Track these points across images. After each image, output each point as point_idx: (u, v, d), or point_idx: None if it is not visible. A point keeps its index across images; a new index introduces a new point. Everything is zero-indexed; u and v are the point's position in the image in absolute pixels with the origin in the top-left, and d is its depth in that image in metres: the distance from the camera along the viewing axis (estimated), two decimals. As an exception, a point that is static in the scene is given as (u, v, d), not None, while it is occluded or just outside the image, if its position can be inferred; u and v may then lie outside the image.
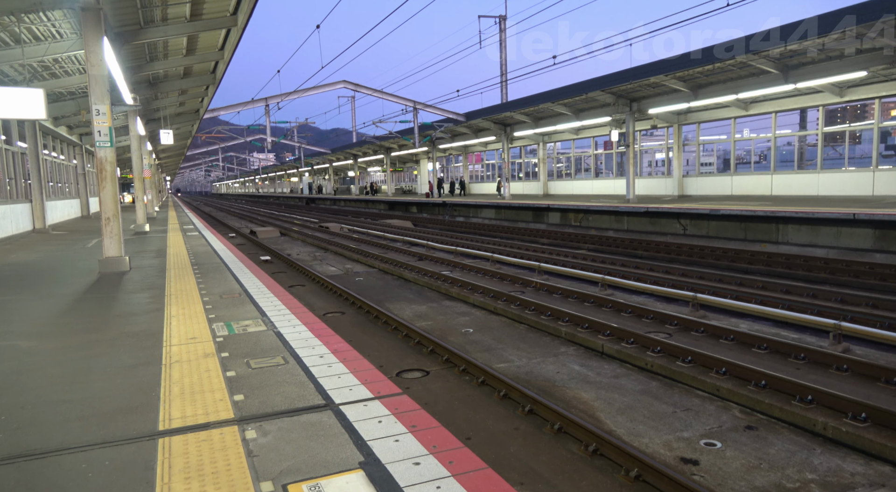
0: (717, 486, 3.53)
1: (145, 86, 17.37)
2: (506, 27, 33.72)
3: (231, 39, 14.16)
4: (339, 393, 3.73)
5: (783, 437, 4.17)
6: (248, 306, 6.43)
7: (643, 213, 17.63)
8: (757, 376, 4.86)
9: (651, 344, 5.89)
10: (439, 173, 40.66)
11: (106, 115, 8.94)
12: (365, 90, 28.28)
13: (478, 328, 7.37)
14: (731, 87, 17.68)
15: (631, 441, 4.09)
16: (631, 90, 19.49)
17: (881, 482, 3.53)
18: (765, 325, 6.93)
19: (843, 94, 17.04)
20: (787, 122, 20.59)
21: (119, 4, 10.53)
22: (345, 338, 5.17)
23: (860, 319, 6.78)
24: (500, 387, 5.01)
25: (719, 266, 11.51)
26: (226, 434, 3.14)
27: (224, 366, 4.31)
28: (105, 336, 5.28)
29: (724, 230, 15.23)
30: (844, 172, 18.33)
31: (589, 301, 8.27)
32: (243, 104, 26.03)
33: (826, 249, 12.65)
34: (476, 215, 27.57)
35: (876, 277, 9.46)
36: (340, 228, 22.42)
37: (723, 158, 24.31)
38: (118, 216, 9.42)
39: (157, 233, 17.27)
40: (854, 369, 5.16)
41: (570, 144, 30.35)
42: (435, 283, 10.19)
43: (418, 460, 2.82)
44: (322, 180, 67.86)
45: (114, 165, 9.30)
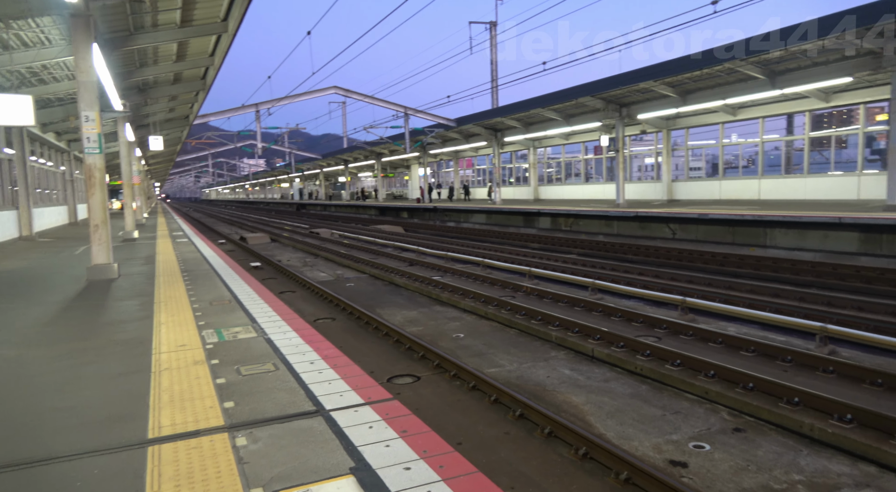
0: (705, 488, 3.56)
1: (135, 92, 17.31)
2: (496, 33, 33.91)
3: (221, 45, 14.15)
4: (330, 399, 3.74)
5: (771, 439, 4.21)
6: (239, 313, 6.42)
7: (633, 217, 17.75)
8: (745, 378, 4.91)
9: (641, 348, 5.93)
10: (430, 178, 40.68)
11: (95, 122, 8.91)
12: (356, 96, 28.32)
13: (469, 333, 7.39)
14: (719, 92, 17.86)
15: (621, 444, 4.11)
16: (620, 96, 19.65)
17: (866, 483, 3.58)
18: (753, 328, 6.99)
19: (828, 99, 17.26)
20: (775, 127, 20.79)
21: (109, 11, 10.50)
22: (335, 344, 5.18)
23: (846, 321, 6.86)
24: (490, 392, 5.03)
25: (708, 270, 11.60)
26: (216, 441, 3.14)
27: (214, 373, 4.30)
28: (94, 344, 5.25)
29: (713, 234, 15.35)
30: (831, 177, 18.54)
31: (579, 305, 8.31)
32: (234, 110, 25.98)
33: (813, 252, 12.78)
34: (467, 220, 27.62)
35: (861, 280, 9.57)
36: (331, 233, 22.38)
37: (711, 162, 24.51)
38: (107, 223, 9.37)
39: (146, 239, 17.17)
40: (840, 371, 5.23)
41: (560, 149, 30.49)
42: (426, 288, 10.21)
43: (409, 465, 2.83)
44: (314, 186, 67.74)
45: (102, 172, 9.26)
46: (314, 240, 20.58)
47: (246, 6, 11.27)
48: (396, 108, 28.91)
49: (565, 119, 24.07)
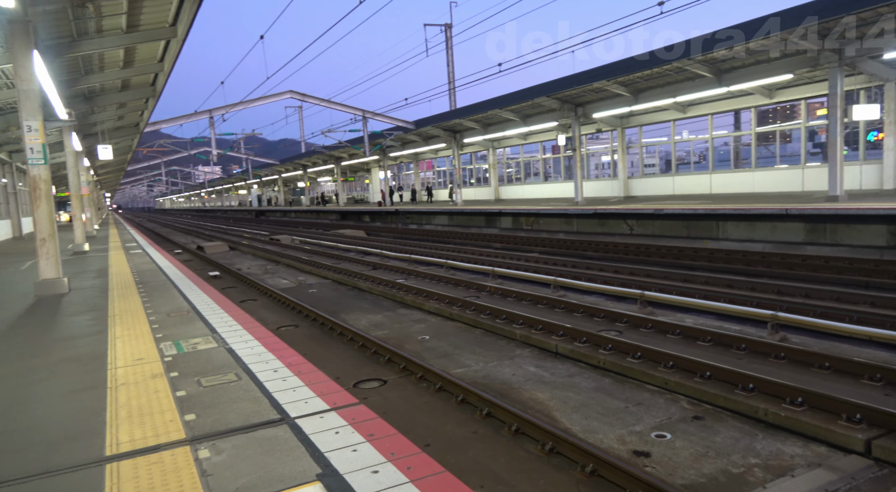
0: (668, 475, 3.66)
1: (81, 100, 16.71)
2: (452, 35, 34.07)
3: (171, 51, 13.79)
4: (295, 406, 3.69)
5: (728, 425, 4.36)
6: (198, 324, 6.27)
7: (591, 214, 18.08)
8: (702, 367, 5.06)
9: (603, 342, 6.05)
10: (391, 181, 40.54)
11: (38, 132, 8.58)
12: (312, 100, 28.03)
13: (434, 335, 7.40)
14: (670, 90, 18.38)
15: (586, 438, 4.19)
16: (575, 95, 20.00)
17: (818, 462, 3.73)
18: (709, 318, 7.22)
19: (772, 95, 17.98)
20: (723, 123, 21.55)
21: (50, 16, 10.12)
22: (299, 351, 5.11)
23: (795, 308, 7.15)
24: (457, 392, 5.05)
25: (665, 263, 11.91)
26: (177, 455, 3.07)
27: (174, 386, 4.19)
28: (44, 362, 5.05)
29: (669, 229, 15.78)
30: (777, 170, 19.30)
31: (542, 303, 8.42)
32: (186, 116, 25.37)
33: (763, 243, 13.27)
34: (429, 222, 27.63)
35: (808, 269, 9.99)
36: (292, 239, 22.07)
37: (665, 159, 25.18)
38: (55, 236, 9.03)
39: (97, 252, 16.59)
40: (791, 357, 5.44)
41: (519, 149, 30.84)
42: (390, 291, 10.17)
43: (377, 468, 2.83)
44: (272, 192, 66.63)
45: (48, 184, 8.92)
46: (275, 247, 20.25)
47: (195, 10, 11.02)
48: (354, 111, 28.73)
49: (523, 119, 24.36)
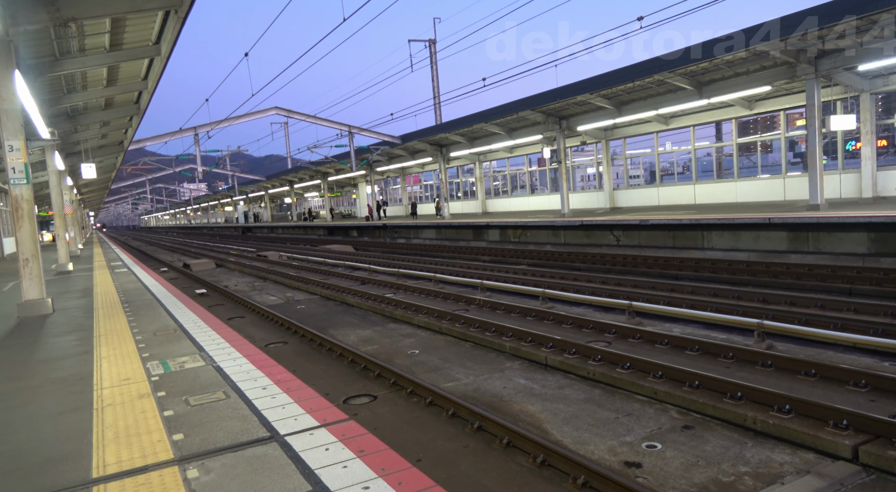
0: (659, 486, 3.67)
1: (63, 119, 16.59)
2: (436, 51, 34.36)
3: (155, 69, 13.76)
4: (284, 424, 3.67)
5: (717, 433, 4.39)
6: (185, 342, 6.21)
7: (578, 226, 18.20)
8: (690, 377, 5.10)
9: (592, 353, 6.08)
10: (378, 196, 40.57)
11: (20, 151, 8.51)
12: (298, 116, 28.02)
13: (424, 349, 7.38)
14: (652, 103, 18.65)
15: (577, 450, 4.19)
16: (560, 108, 20.23)
17: (807, 469, 3.76)
18: (696, 327, 7.28)
19: (752, 107, 18.31)
20: (705, 134, 21.90)
21: (31, 36, 10.07)
22: (288, 368, 5.08)
23: (781, 316, 7.23)
24: (448, 406, 5.03)
25: (651, 274, 12.01)
26: (165, 476, 3.03)
27: (161, 406, 4.15)
28: (28, 384, 4.97)
29: (655, 239, 15.92)
30: (759, 180, 19.60)
31: (531, 315, 8.44)
32: (171, 134, 25.24)
33: (747, 252, 13.43)
34: (417, 236, 27.64)
35: (792, 277, 10.12)
36: (279, 256, 21.96)
37: (649, 170, 25.46)
38: (38, 256, 8.92)
39: (81, 272, 16.40)
40: (777, 365, 5.50)
41: (505, 163, 31.04)
42: (379, 306, 10.14)
43: (367, 484, 2.81)
44: (258, 208, 66.36)
45: (31, 203, 8.83)
46: (262, 263, 20.13)
47: (179, 28, 11.01)
48: (340, 126, 28.78)
49: (508, 133, 24.55)
